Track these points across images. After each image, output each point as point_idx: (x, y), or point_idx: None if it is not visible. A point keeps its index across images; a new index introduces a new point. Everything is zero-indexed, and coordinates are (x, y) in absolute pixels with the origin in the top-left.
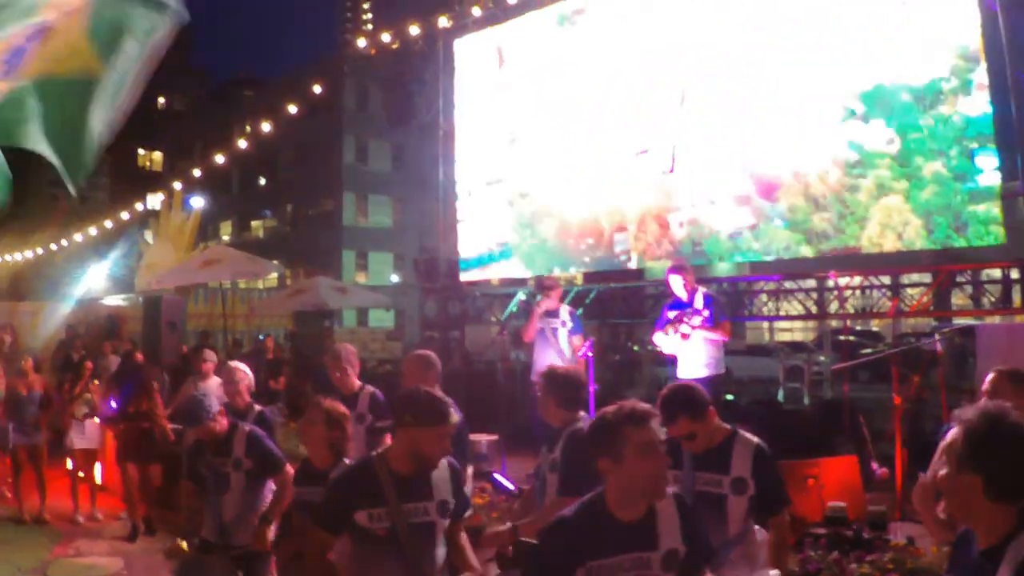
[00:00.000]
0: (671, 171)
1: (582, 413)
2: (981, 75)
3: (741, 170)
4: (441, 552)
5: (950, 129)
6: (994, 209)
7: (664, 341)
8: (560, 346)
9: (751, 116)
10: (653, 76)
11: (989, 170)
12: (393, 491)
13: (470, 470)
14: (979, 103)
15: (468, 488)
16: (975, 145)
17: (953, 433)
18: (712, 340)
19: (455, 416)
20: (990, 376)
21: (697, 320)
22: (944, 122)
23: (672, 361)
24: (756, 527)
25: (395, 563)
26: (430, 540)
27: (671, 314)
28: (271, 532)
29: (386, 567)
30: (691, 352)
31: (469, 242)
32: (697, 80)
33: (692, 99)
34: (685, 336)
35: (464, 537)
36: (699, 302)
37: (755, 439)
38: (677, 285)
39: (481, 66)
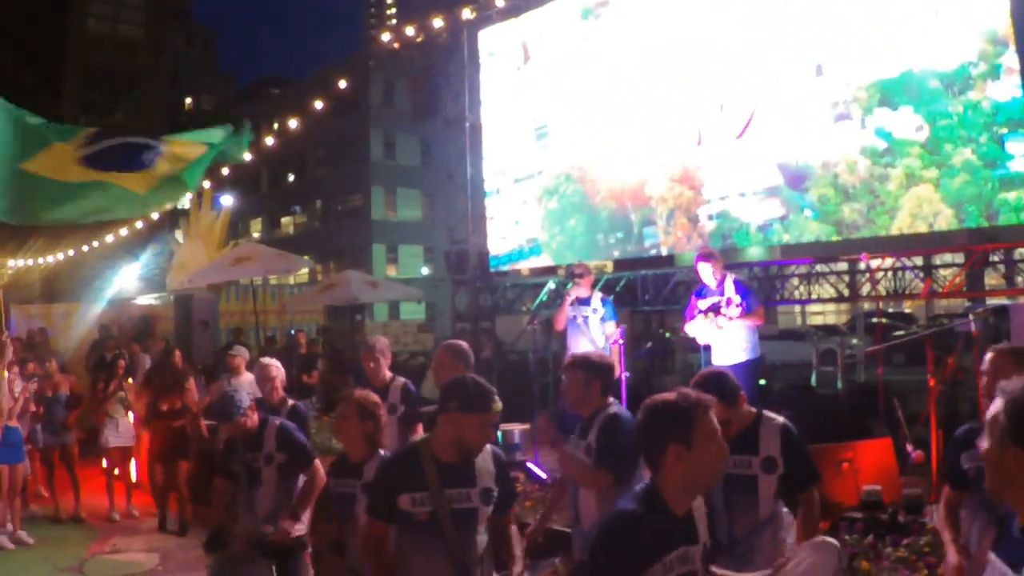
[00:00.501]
0: (700, 166)
1: (612, 399)
2: (1010, 59)
3: (770, 161)
4: (483, 539)
5: (979, 115)
6: None
7: (698, 331)
8: (592, 334)
9: (780, 106)
10: (680, 68)
11: (1020, 155)
12: (436, 476)
13: None
14: (1008, 88)
15: None
16: (1005, 131)
17: (996, 406)
18: (747, 327)
19: (498, 404)
20: (989, 355)
21: (735, 311)
22: (973, 108)
23: (707, 348)
24: (784, 510)
25: (436, 548)
26: (471, 526)
27: (701, 303)
28: (297, 527)
29: (427, 552)
30: (727, 339)
31: (499, 239)
32: (725, 71)
33: (720, 90)
34: (721, 327)
35: (514, 530)
36: (730, 289)
37: (780, 418)
38: (706, 273)
39: (506, 62)
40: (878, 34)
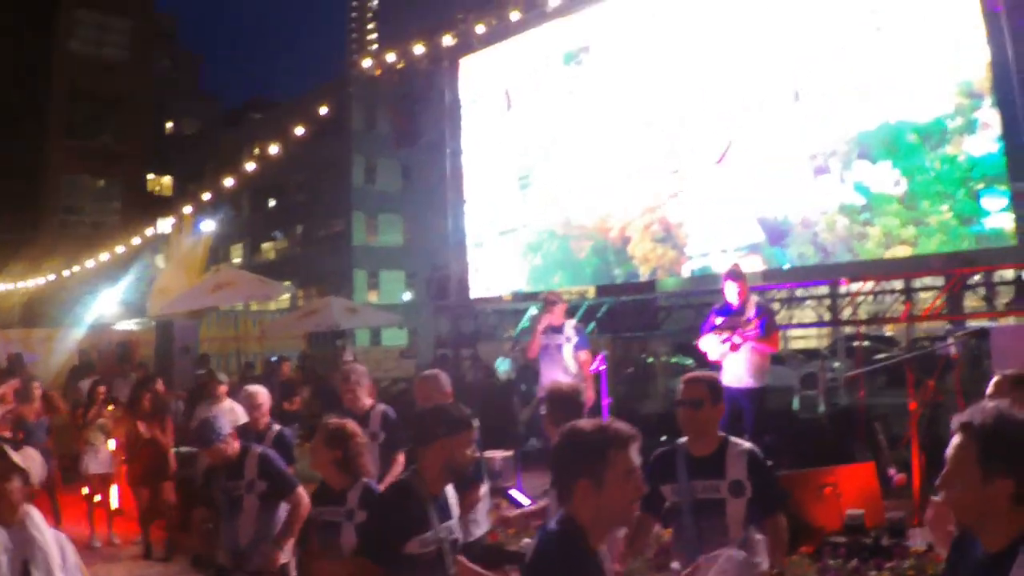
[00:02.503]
0: (682, 222)
1: None
2: (986, 113)
3: (750, 217)
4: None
5: (956, 170)
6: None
7: (711, 347)
8: (565, 362)
9: (758, 160)
10: (659, 120)
11: (995, 212)
12: (435, 513)
13: (485, 487)
14: (984, 142)
15: (485, 504)
16: (981, 186)
17: (965, 439)
18: (759, 351)
19: (475, 420)
20: (995, 379)
21: (751, 331)
22: (950, 163)
23: (717, 366)
24: (759, 536)
25: None
26: (452, 558)
27: (718, 320)
28: (281, 555)
29: None
30: (737, 361)
31: (483, 289)
32: (702, 124)
33: (701, 146)
34: (735, 347)
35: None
36: (750, 310)
37: (747, 443)
38: (732, 292)
39: (489, 108)
40: (854, 83)
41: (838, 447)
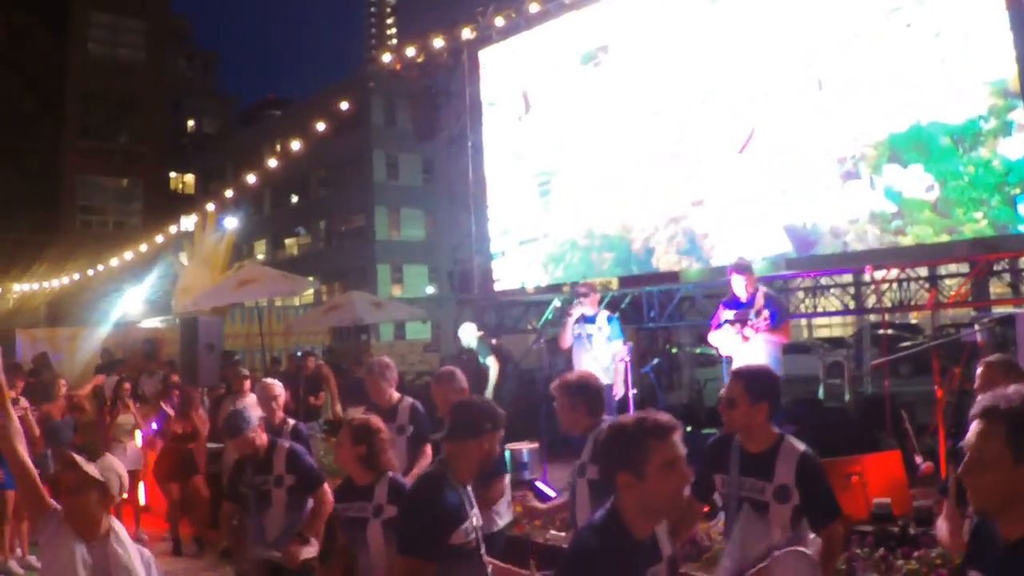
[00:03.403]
0: (707, 233)
1: (605, 416)
2: (1021, 114)
3: (776, 225)
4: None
5: (991, 175)
6: None
7: (721, 340)
8: (596, 352)
9: (784, 162)
10: (678, 113)
11: None
12: (468, 503)
13: (507, 478)
14: (1020, 145)
15: (507, 496)
16: (1018, 191)
17: (991, 424)
18: (772, 342)
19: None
20: (980, 369)
21: (763, 323)
22: (984, 166)
23: (728, 359)
24: (810, 534)
25: (476, 572)
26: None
27: (727, 313)
28: (306, 550)
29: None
30: (749, 353)
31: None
32: (725, 130)
33: (723, 137)
34: (747, 338)
35: None
36: (760, 302)
37: (801, 446)
38: (739, 285)
39: (507, 112)
40: (885, 82)
41: (864, 436)
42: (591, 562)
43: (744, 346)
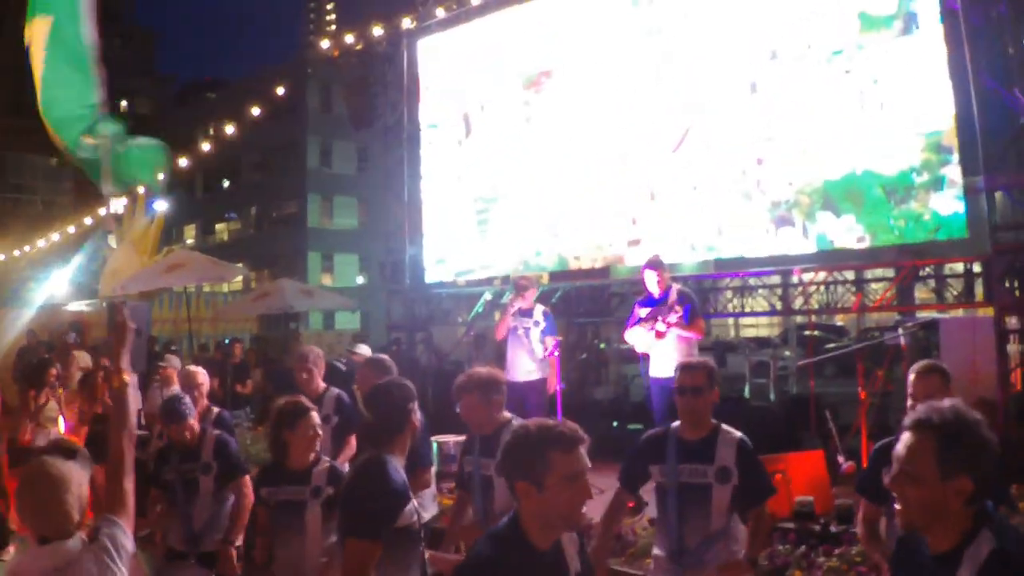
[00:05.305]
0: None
1: (508, 413)
2: (953, 170)
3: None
4: None
5: (921, 229)
6: None
7: (636, 338)
8: (531, 346)
9: (720, 207)
10: (622, 156)
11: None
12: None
13: (432, 471)
14: (951, 201)
15: (432, 489)
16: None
17: (922, 438)
18: (686, 338)
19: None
20: (912, 377)
21: (673, 317)
22: (915, 220)
23: (644, 358)
24: (739, 524)
25: (417, 556)
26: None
27: (642, 311)
28: (234, 550)
29: (411, 561)
30: (664, 351)
31: (437, 276)
32: (662, 167)
33: (660, 187)
34: (660, 334)
35: None
36: (673, 298)
37: (737, 433)
38: (651, 281)
39: (448, 135)
40: (822, 127)
41: (788, 435)
42: (485, 570)
43: (658, 343)
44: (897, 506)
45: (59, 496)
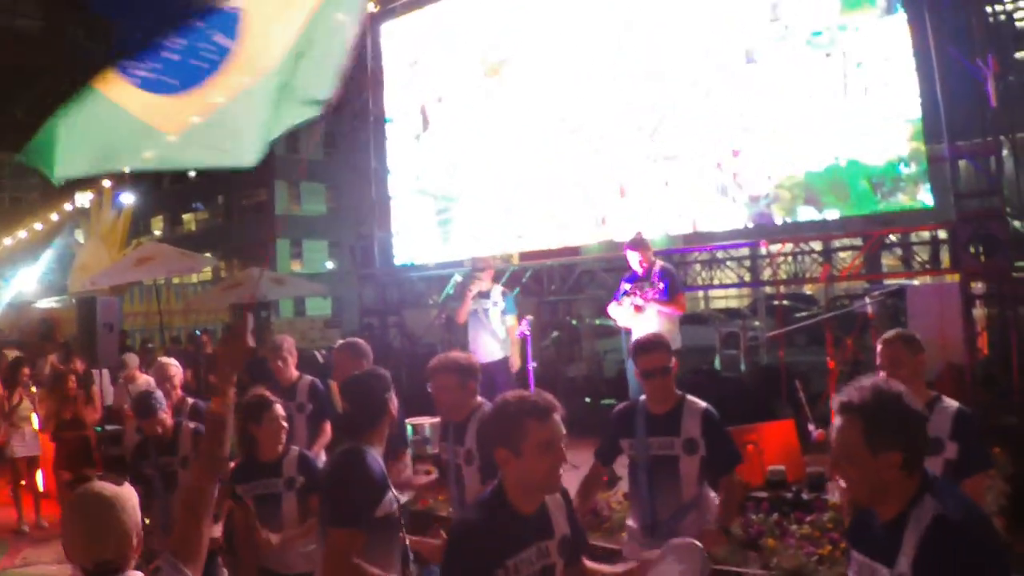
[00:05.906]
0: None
1: (480, 398)
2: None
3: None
4: None
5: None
6: None
7: (618, 313)
8: (493, 327)
9: (689, 202)
10: (593, 151)
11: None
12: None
13: (408, 453)
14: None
15: (408, 472)
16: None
17: (848, 419)
18: (666, 313)
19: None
20: (881, 347)
21: (651, 292)
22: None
23: (628, 332)
24: (712, 494)
25: (398, 543)
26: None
27: (627, 286)
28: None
29: (393, 548)
30: (645, 326)
31: (407, 259)
32: (632, 162)
33: (630, 183)
34: (639, 308)
35: None
36: (654, 274)
37: (703, 404)
38: (634, 260)
39: (405, 129)
40: (803, 114)
41: (759, 405)
42: (472, 533)
43: (639, 318)
44: (842, 484)
45: (117, 515)
